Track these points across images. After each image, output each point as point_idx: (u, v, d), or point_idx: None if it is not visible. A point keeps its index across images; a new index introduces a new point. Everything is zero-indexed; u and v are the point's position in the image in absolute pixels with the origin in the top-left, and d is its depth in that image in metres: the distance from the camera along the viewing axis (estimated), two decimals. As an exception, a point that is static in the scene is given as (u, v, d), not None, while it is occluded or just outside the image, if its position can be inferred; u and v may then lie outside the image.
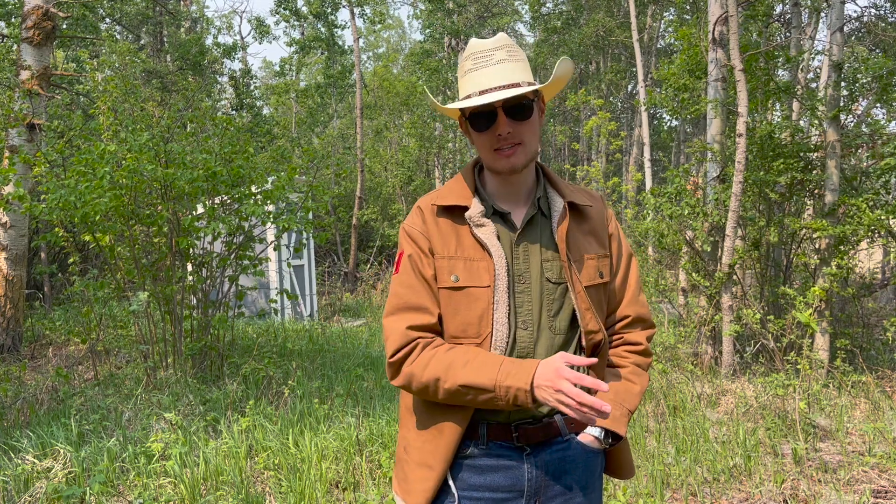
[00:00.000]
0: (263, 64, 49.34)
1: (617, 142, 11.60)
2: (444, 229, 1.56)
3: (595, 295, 1.58)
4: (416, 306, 1.52)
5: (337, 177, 11.82)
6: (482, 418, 1.53)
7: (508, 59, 1.51)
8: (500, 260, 1.51)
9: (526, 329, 1.53)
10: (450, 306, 1.52)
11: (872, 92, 6.63)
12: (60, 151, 6.34)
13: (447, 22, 19.46)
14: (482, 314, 1.50)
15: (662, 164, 19.83)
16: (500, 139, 1.50)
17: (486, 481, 1.53)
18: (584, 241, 1.60)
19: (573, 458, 1.57)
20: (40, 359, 7.29)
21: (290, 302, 10.79)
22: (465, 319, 1.51)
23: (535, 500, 1.56)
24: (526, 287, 1.54)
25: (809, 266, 6.79)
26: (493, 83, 1.48)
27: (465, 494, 1.54)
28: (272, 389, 5.43)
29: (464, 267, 1.52)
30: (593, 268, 1.59)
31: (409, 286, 1.54)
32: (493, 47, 1.51)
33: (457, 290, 1.52)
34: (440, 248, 1.54)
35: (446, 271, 1.53)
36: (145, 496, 3.44)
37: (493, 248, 1.51)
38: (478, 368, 1.42)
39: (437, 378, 1.45)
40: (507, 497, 1.54)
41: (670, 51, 19.55)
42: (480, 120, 1.50)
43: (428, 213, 1.58)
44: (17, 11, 12.78)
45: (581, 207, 1.62)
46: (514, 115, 1.49)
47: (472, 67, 1.51)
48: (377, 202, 19.18)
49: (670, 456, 4.10)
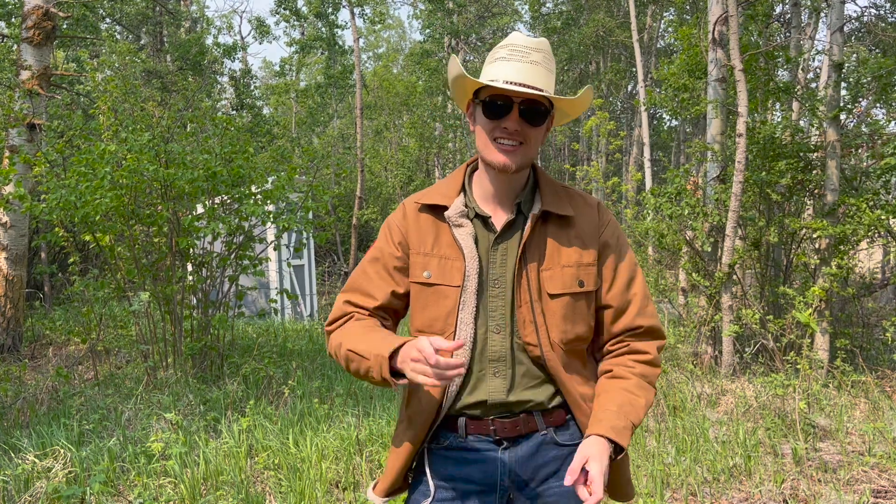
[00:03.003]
0: (263, 64, 49.36)
1: (616, 142, 11.59)
2: (423, 226, 1.59)
3: (570, 304, 1.54)
4: (362, 290, 1.62)
5: (337, 177, 11.83)
6: (461, 412, 1.55)
7: (541, 64, 1.50)
8: (472, 262, 1.52)
9: (498, 333, 1.53)
10: (419, 301, 1.57)
11: (872, 92, 6.63)
12: (60, 151, 6.34)
13: (447, 22, 19.46)
14: (448, 312, 1.53)
15: (662, 164, 19.83)
16: (505, 132, 1.49)
17: (462, 473, 1.56)
18: (564, 248, 1.56)
19: (551, 452, 1.58)
20: (40, 359, 7.29)
21: (290, 302, 10.79)
22: (431, 315, 1.55)
23: (511, 493, 1.57)
24: (501, 291, 1.54)
25: (809, 266, 6.79)
26: (521, 79, 1.47)
27: (440, 484, 1.58)
28: (272, 389, 5.43)
29: (437, 265, 1.55)
30: (570, 276, 1.54)
31: (364, 273, 1.63)
32: (534, 47, 1.50)
33: (427, 286, 1.55)
34: (416, 244, 1.58)
35: (420, 267, 1.56)
36: (145, 496, 3.44)
37: (466, 249, 1.53)
38: (369, 339, 1.48)
39: (340, 343, 1.54)
40: (481, 489, 1.56)
41: (670, 51, 19.55)
42: (494, 107, 1.49)
43: (410, 210, 1.62)
44: (18, 11, 12.78)
45: (558, 216, 1.57)
46: (527, 116, 1.49)
47: (505, 56, 1.50)
48: (377, 202, 19.18)
49: (670, 456, 4.10)
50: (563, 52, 19.85)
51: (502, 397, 1.53)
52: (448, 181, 1.63)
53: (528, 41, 1.51)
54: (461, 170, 1.65)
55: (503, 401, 1.53)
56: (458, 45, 20.24)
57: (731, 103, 7.07)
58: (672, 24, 17.91)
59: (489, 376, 1.53)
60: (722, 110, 6.89)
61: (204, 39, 18.82)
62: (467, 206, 1.58)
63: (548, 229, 1.57)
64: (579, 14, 20.27)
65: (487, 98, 1.50)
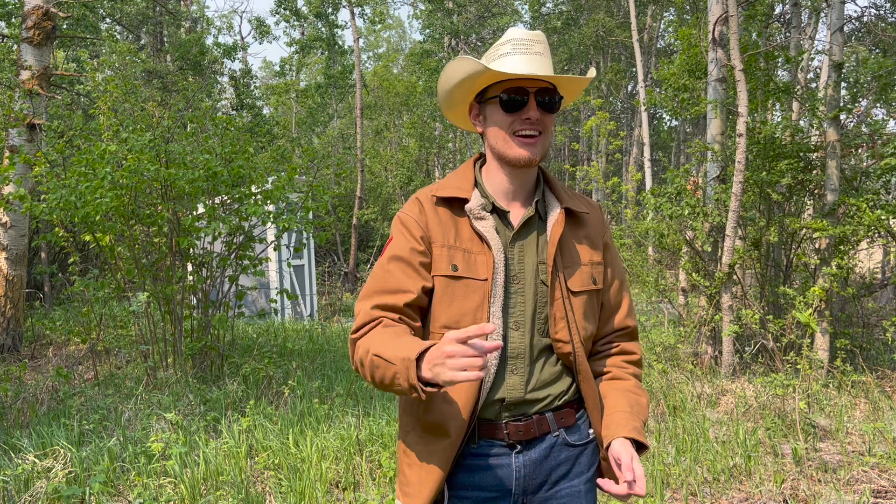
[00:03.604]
0: (263, 64, 49.33)
1: (616, 142, 11.59)
2: (443, 219, 1.54)
3: (588, 301, 1.58)
4: (389, 289, 1.50)
5: (337, 177, 11.82)
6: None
7: (544, 54, 1.52)
8: (498, 254, 1.50)
9: (517, 330, 1.53)
10: (446, 295, 1.51)
11: (872, 91, 6.63)
12: (61, 151, 6.34)
13: (447, 22, 19.46)
14: (478, 306, 1.49)
15: (662, 164, 19.83)
16: (527, 123, 1.49)
17: (475, 480, 1.53)
18: (579, 247, 1.59)
19: (563, 453, 1.57)
20: (40, 359, 7.29)
21: (290, 302, 10.78)
22: (460, 309, 1.50)
23: (525, 497, 1.56)
24: (520, 288, 1.53)
25: (809, 266, 6.79)
26: (532, 70, 1.48)
27: (454, 493, 1.54)
28: (272, 389, 5.43)
29: (462, 258, 1.51)
30: (587, 274, 1.58)
31: (387, 272, 1.51)
32: (535, 39, 1.52)
33: (455, 280, 1.50)
34: (439, 237, 1.52)
35: (445, 260, 1.51)
36: (145, 496, 3.44)
37: (492, 241, 1.51)
38: (397, 344, 1.35)
39: (367, 349, 1.41)
40: (494, 496, 1.54)
41: (670, 51, 19.55)
42: (513, 101, 1.50)
43: (427, 203, 1.56)
44: (18, 11, 12.78)
45: (578, 214, 1.61)
46: (543, 105, 1.50)
47: (510, 52, 1.51)
48: (377, 202, 19.18)
49: (670, 456, 4.10)
50: (563, 52, 19.85)
51: (520, 395, 1.52)
52: (459, 175, 1.61)
53: (528, 34, 1.52)
54: (470, 164, 1.64)
55: (521, 398, 1.52)
56: (458, 45, 20.24)
57: (731, 103, 7.07)
58: (672, 24, 17.91)
59: (507, 374, 1.52)
60: (722, 110, 6.89)
61: (204, 39, 18.82)
62: (485, 200, 1.57)
63: (565, 227, 1.59)
64: (579, 14, 20.27)
65: (503, 94, 1.50)
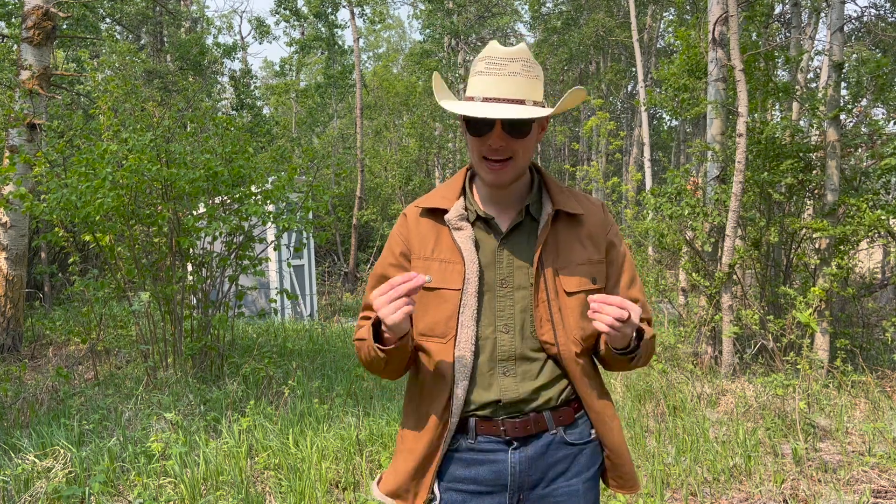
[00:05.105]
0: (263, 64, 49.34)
1: (616, 142, 11.58)
2: (424, 231, 1.61)
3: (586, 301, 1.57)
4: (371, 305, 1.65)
5: (337, 177, 11.84)
6: (472, 413, 1.56)
7: (521, 74, 1.48)
8: (471, 265, 1.53)
9: (507, 333, 1.55)
10: (421, 304, 1.57)
11: (870, 91, 6.64)
12: (61, 151, 6.34)
13: (447, 22, 19.46)
14: (449, 316, 1.55)
15: (662, 164, 19.83)
16: (490, 149, 1.49)
17: (471, 474, 1.57)
18: (576, 246, 1.59)
19: (560, 451, 1.58)
20: (40, 359, 7.29)
21: (290, 302, 10.79)
22: (433, 319, 1.56)
23: (522, 493, 1.58)
24: (509, 292, 1.56)
25: (809, 266, 6.79)
26: (499, 93, 1.46)
27: (450, 486, 1.58)
28: (272, 389, 5.44)
29: (438, 268, 1.57)
30: (585, 273, 1.58)
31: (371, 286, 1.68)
32: (510, 57, 1.47)
33: (429, 290, 1.57)
34: (418, 250, 1.60)
35: (421, 272, 1.57)
36: (145, 496, 3.44)
37: (465, 252, 1.54)
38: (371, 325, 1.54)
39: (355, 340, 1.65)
40: (490, 490, 1.57)
41: (670, 51, 19.54)
42: (477, 126, 1.49)
43: (411, 217, 1.64)
44: (18, 11, 12.78)
45: (571, 214, 1.60)
46: (511, 132, 1.48)
47: (483, 71, 1.49)
48: (377, 202, 19.18)
49: (670, 456, 4.10)
50: (563, 52, 19.86)
51: (514, 396, 1.54)
52: (448, 184, 1.65)
53: (505, 52, 1.49)
54: (462, 173, 1.67)
55: (515, 399, 1.54)
56: (458, 45, 20.24)
57: (731, 103, 7.07)
58: (672, 24, 17.91)
59: (499, 375, 1.55)
60: (722, 110, 6.89)
61: (204, 39, 18.83)
62: (467, 209, 1.59)
63: (560, 228, 1.59)
64: (579, 14, 20.27)
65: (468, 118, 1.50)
